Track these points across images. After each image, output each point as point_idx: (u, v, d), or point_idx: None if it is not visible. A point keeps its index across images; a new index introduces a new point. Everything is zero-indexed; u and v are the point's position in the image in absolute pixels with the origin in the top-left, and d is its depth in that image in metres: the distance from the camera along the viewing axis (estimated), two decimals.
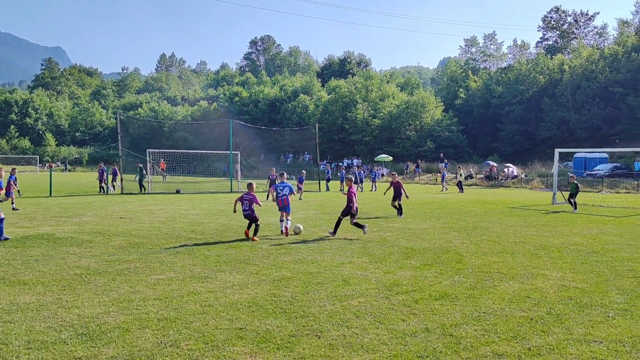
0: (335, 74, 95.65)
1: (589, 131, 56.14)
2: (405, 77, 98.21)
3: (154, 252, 11.35)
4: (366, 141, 68.20)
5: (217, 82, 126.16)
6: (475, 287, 8.48)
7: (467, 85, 75.48)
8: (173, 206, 23.02)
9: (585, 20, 77.99)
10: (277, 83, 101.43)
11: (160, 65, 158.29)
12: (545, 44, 78.64)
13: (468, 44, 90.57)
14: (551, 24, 78.37)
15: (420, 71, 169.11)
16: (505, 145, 63.22)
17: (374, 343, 5.90)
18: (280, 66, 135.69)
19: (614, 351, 5.69)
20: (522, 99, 63.47)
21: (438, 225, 16.80)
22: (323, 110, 76.85)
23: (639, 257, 11.11)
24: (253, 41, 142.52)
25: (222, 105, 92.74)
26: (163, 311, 7.06)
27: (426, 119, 66.38)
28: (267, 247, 12.05)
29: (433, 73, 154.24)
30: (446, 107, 69.86)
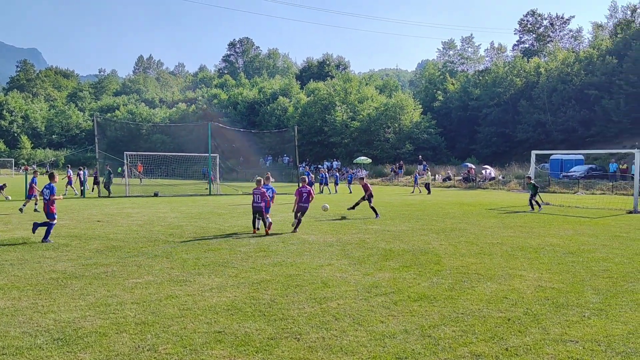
0: (314, 76, 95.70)
1: (564, 133, 56.89)
2: (384, 80, 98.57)
3: (131, 256, 11.24)
4: (345, 143, 68.30)
5: (196, 84, 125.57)
6: (454, 288, 8.54)
7: (445, 87, 76.04)
8: (151, 209, 22.83)
9: (561, 24, 79.07)
10: (256, 85, 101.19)
11: (137, 67, 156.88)
12: (521, 47, 79.53)
13: (446, 46, 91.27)
14: (527, 27, 79.30)
15: (399, 74, 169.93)
16: (482, 147, 63.77)
17: (353, 345, 5.91)
18: (259, 68, 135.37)
19: (590, 350, 5.77)
20: (500, 101, 64.10)
21: (417, 227, 16.90)
22: (302, 113, 76.83)
23: (613, 258, 11.28)
24: (232, 43, 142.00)
25: (200, 108, 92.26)
26: (141, 315, 6.99)
27: (405, 121, 66.70)
28: (246, 250, 12.00)
29: (411, 75, 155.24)
30: (424, 109, 70.27)
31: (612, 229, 16.47)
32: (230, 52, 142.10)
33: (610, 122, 54.27)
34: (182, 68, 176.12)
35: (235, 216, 19.96)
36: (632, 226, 17.31)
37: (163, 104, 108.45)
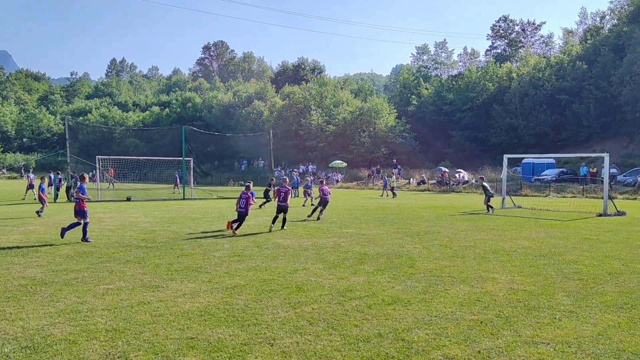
0: (290, 80, 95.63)
1: (536, 137, 57.75)
2: (359, 84, 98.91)
3: (103, 262, 11.09)
4: (321, 147, 68.38)
5: (170, 87, 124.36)
6: (427, 291, 8.58)
7: (419, 92, 76.62)
8: (123, 214, 22.55)
9: (532, 30, 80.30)
10: (230, 89, 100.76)
11: (110, 70, 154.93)
12: (494, 52, 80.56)
13: (420, 51, 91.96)
14: (500, 33, 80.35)
15: (374, 78, 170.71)
16: (456, 151, 64.37)
17: (327, 349, 5.90)
18: (234, 72, 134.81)
19: (561, 352, 5.84)
20: (473, 105, 64.82)
21: (391, 230, 16.97)
22: (277, 116, 76.73)
23: (584, 260, 11.46)
24: (206, 46, 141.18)
25: (174, 111, 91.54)
26: (112, 322, 6.89)
27: (380, 126, 67.03)
28: (220, 255, 11.92)
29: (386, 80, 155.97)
30: (399, 113, 70.71)
31: (583, 232, 16.74)
32: (205, 55, 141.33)
33: (580, 126, 55.26)
34: (155, 71, 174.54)
35: (209, 221, 19.82)
36: (601, 229, 17.61)
37: (136, 107, 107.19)
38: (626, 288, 8.81)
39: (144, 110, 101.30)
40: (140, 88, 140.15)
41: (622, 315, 7.23)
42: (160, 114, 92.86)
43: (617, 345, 6.04)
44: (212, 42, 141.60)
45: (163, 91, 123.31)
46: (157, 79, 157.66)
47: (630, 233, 16.39)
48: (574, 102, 55.43)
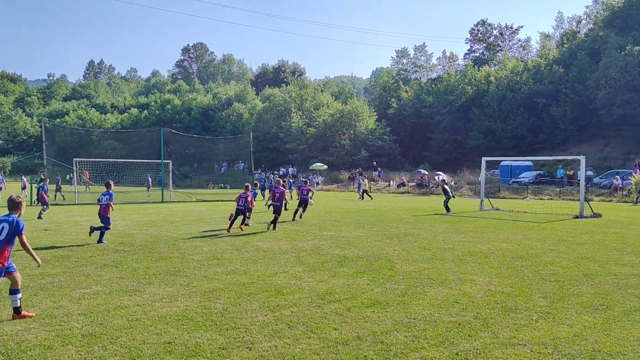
0: (270, 83, 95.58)
1: (514, 140, 58.34)
2: (339, 87, 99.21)
3: (79, 265, 10.95)
4: (301, 150, 68.38)
5: (148, 89, 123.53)
6: (406, 293, 8.61)
7: (399, 95, 77.00)
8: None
9: (510, 34, 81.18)
10: (210, 91, 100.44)
11: (88, 72, 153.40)
12: (472, 56, 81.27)
13: (399, 55, 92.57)
14: (478, 37, 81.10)
15: (354, 81, 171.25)
16: (435, 154, 64.75)
17: (305, 353, 5.88)
18: (214, 74, 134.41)
19: (537, 353, 5.89)
20: (452, 108, 65.29)
21: (371, 233, 17.00)
22: (257, 119, 76.59)
23: (560, 262, 11.59)
24: (185, 48, 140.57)
25: (153, 113, 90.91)
26: (88, 327, 6.80)
27: (360, 128, 67.24)
28: (199, 259, 11.83)
29: (366, 83, 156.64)
30: (379, 116, 70.98)
31: (559, 234, 16.94)
32: (184, 57, 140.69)
33: (557, 129, 55.95)
34: (134, 73, 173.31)
35: (188, 224, 19.69)
36: (578, 230, 17.84)
37: (114, 109, 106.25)
38: (602, 289, 8.93)
39: (122, 112, 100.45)
40: (119, 90, 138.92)
41: (598, 316, 7.32)
42: (139, 116, 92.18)
43: (593, 346, 6.11)
44: (192, 44, 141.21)
45: (142, 93, 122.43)
46: (136, 81, 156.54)
47: (605, 235, 16.62)
48: (551, 106, 56.14)
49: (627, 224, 19.98)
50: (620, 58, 50.42)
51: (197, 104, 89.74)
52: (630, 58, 49.94)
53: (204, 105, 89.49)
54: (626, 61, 49.93)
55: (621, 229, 18.23)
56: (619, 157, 49.97)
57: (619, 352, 5.93)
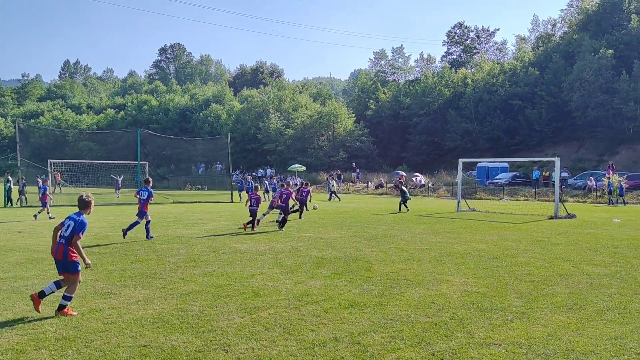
0: (248, 84, 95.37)
1: (490, 142, 58.96)
2: (317, 88, 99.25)
3: (53, 268, 10.68)
4: (280, 151, 68.27)
5: (125, 90, 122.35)
6: (383, 294, 8.64)
7: (377, 96, 77.29)
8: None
9: (487, 36, 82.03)
10: (188, 92, 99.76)
11: (64, 72, 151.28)
12: (449, 58, 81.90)
13: (377, 56, 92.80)
14: (455, 39, 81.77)
15: (332, 82, 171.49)
16: (413, 155, 65.13)
17: (282, 355, 5.87)
18: (191, 75, 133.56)
19: (512, 353, 5.95)
20: (429, 110, 65.71)
21: (349, 234, 17.03)
22: (235, 120, 76.34)
23: (535, 262, 11.73)
24: (162, 49, 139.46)
25: (129, 114, 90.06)
26: (62, 330, 6.71)
27: (338, 129, 67.35)
28: (175, 261, 11.74)
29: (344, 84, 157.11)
30: (357, 117, 71.17)
31: (535, 234, 17.14)
32: (161, 57, 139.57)
33: (533, 131, 56.67)
34: (110, 73, 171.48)
35: (165, 225, 19.53)
36: (553, 231, 18.07)
37: (90, 110, 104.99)
38: (576, 289, 9.05)
39: (98, 113, 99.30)
40: (95, 90, 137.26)
41: (572, 316, 7.42)
42: (115, 117, 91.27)
43: (567, 346, 6.19)
44: (169, 45, 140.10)
45: (118, 93, 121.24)
46: (112, 81, 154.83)
47: (580, 235, 16.86)
48: (527, 108, 56.84)
49: (601, 225, 20.30)
50: (594, 61, 51.26)
51: (174, 104, 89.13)
52: (604, 61, 50.81)
53: (181, 106, 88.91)
54: (600, 64, 50.78)
55: (595, 230, 18.51)
56: (593, 158, 50.81)
57: (592, 351, 6.02)
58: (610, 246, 14.28)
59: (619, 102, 48.78)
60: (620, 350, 6.04)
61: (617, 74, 50.20)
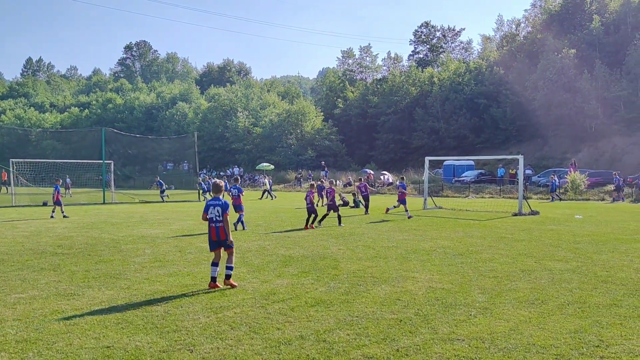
0: (215, 82, 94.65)
1: (457, 140, 59.67)
2: (285, 86, 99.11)
3: (15, 269, 10.57)
4: (248, 150, 67.96)
5: (90, 88, 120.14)
6: (350, 292, 8.68)
7: (345, 95, 77.52)
8: (39, 219, 21.59)
9: (453, 36, 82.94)
10: (154, 90, 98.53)
11: (26, 70, 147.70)
12: (416, 57, 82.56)
13: (345, 55, 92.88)
14: (422, 38, 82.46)
15: (301, 81, 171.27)
16: (381, 154, 65.51)
17: (247, 354, 5.86)
18: (158, 72, 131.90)
19: (475, 348, 6.04)
20: (396, 109, 66.17)
21: (317, 232, 17.06)
22: (202, 119, 75.71)
23: (499, 258, 11.92)
24: (128, 46, 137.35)
25: (94, 113, 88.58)
26: (23, 332, 6.58)
27: (306, 128, 67.37)
28: (141, 261, 11.61)
29: (313, 83, 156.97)
30: (325, 116, 71.29)
31: (499, 231, 17.42)
32: (127, 55, 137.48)
33: (498, 129, 57.58)
34: (74, 71, 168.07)
35: (130, 225, 19.28)
36: (516, 228, 18.39)
37: (54, 108, 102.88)
38: (538, 284, 9.23)
39: (62, 112, 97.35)
40: (59, 88, 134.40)
41: (533, 311, 7.56)
42: (80, 116, 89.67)
43: (528, 340, 6.31)
44: (135, 42, 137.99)
45: (82, 92, 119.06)
46: (76, 79, 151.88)
47: (542, 232, 17.20)
48: (492, 106, 57.72)
49: (563, 221, 20.73)
50: (557, 60, 52.32)
51: (140, 103, 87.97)
52: (567, 60, 51.89)
53: (147, 104, 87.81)
54: (562, 63, 51.85)
55: (557, 226, 18.89)
56: (557, 156, 51.86)
57: (552, 344, 6.15)
58: (572, 242, 14.59)
59: (581, 100, 49.90)
60: (580, 344, 6.18)
61: (580, 73, 51.31)
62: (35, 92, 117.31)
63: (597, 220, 21.31)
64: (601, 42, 54.43)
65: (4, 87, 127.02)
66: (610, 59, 52.77)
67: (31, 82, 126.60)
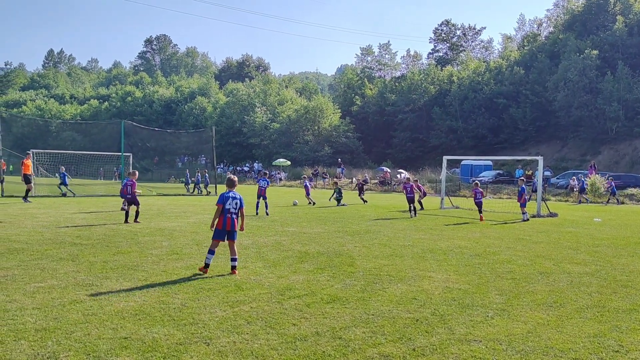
0: (234, 77, 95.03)
1: (475, 139, 59.32)
2: (303, 83, 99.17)
3: (34, 259, 10.68)
4: (264, 145, 68.09)
5: (109, 80, 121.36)
6: (365, 289, 8.67)
7: (363, 92, 77.38)
8: (58, 210, 21.81)
9: (473, 34, 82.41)
10: (173, 84, 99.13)
11: (47, 62, 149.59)
12: (436, 56, 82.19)
13: (364, 52, 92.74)
14: (442, 37, 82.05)
15: (319, 77, 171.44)
16: (398, 152, 65.34)
17: (263, 349, 5.87)
18: (177, 67, 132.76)
19: (492, 349, 6.00)
20: (414, 107, 65.96)
21: (332, 229, 17.05)
22: (220, 113, 76.01)
23: (517, 260, 11.83)
24: (148, 40, 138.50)
25: (113, 105, 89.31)
26: (42, 321, 6.64)
27: (324, 125, 67.35)
28: (158, 253, 11.68)
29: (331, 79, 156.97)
30: (343, 113, 71.23)
31: (517, 232, 17.28)
32: (147, 49, 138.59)
33: (517, 129, 57.12)
34: (95, 64, 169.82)
35: (148, 218, 19.40)
36: (534, 229, 18.23)
37: (74, 100, 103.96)
38: (556, 287, 9.14)
39: (82, 104, 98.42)
40: (79, 80, 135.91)
41: (552, 314, 7.49)
42: (99, 108, 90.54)
43: (546, 343, 6.25)
44: (155, 36, 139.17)
45: (102, 84, 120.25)
46: (97, 72, 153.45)
47: (561, 234, 17.03)
48: (511, 106, 57.26)
49: (582, 224, 20.52)
50: (579, 61, 51.75)
51: (159, 96, 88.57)
52: (588, 61, 51.31)
53: (166, 98, 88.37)
54: (584, 64, 51.28)
55: (576, 229, 18.70)
56: (576, 158, 51.37)
57: (570, 348, 6.09)
58: (591, 245, 14.44)
59: (603, 102, 49.33)
60: (599, 348, 6.11)
61: (602, 74, 50.74)
62: (56, 84, 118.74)
63: (617, 223, 21.06)
64: (624, 44, 53.72)
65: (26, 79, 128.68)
66: (634, 60, 52.10)
67: (52, 74, 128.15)
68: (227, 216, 9.63)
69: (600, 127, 50.87)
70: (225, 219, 9.63)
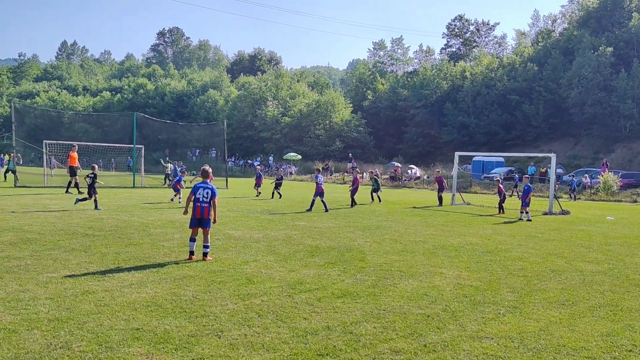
0: (246, 70, 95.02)
1: (487, 136, 59.00)
2: (315, 77, 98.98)
3: (47, 249, 10.76)
4: (276, 139, 68.12)
5: (122, 72, 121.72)
6: (376, 285, 8.65)
7: (375, 87, 77.15)
8: (70, 201, 21.93)
9: (486, 30, 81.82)
10: (185, 77, 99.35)
11: (61, 53, 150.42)
12: (449, 51, 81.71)
13: (376, 47, 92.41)
14: (455, 32, 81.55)
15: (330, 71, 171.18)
16: (409, 147, 65.15)
17: (274, 342, 5.88)
18: (189, 59, 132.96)
19: (504, 347, 5.97)
20: (426, 103, 65.69)
21: (343, 224, 17.04)
22: (232, 106, 76.09)
23: (529, 257, 11.77)
24: (161, 32, 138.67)
25: (126, 97, 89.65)
26: (54, 311, 6.69)
27: (335, 119, 67.26)
28: (169, 245, 11.73)
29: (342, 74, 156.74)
30: (354, 108, 71.09)
31: (528, 230, 17.19)
32: (159, 41, 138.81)
33: (529, 126, 56.75)
34: (108, 55, 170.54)
35: (159, 209, 19.49)
36: (546, 227, 18.13)
37: (87, 92, 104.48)
38: (568, 285, 9.09)
39: (94, 95, 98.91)
40: (92, 72, 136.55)
41: (564, 312, 7.45)
42: (112, 100, 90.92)
43: (558, 341, 6.22)
44: (167, 28, 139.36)
45: (115, 76, 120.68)
46: (110, 64, 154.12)
47: (573, 232, 16.92)
48: (524, 103, 56.88)
49: (594, 222, 20.38)
50: (593, 58, 51.28)
51: (171, 89, 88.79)
52: (603, 59, 50.83)
53: (178, 90, 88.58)
54: (599, 61, 50.80)
55: (588, 227, 18.57)
56: (589, 155, 50.99)
57: (583, 347, 6.05)
58: (603, 243, 14.33)
59: (617, 100, 48.87)
60: (612, 347, 6.07)
61: (616, 72, 50.25)
62: (69, 75, 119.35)
63: (629, 222, 20.90)
64: None
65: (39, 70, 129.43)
66: None
67: (65, 65, 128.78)
68: (197, 205, 10.22)
69: (614, 125, 50.44)
70: (195, 207, 10.23)
